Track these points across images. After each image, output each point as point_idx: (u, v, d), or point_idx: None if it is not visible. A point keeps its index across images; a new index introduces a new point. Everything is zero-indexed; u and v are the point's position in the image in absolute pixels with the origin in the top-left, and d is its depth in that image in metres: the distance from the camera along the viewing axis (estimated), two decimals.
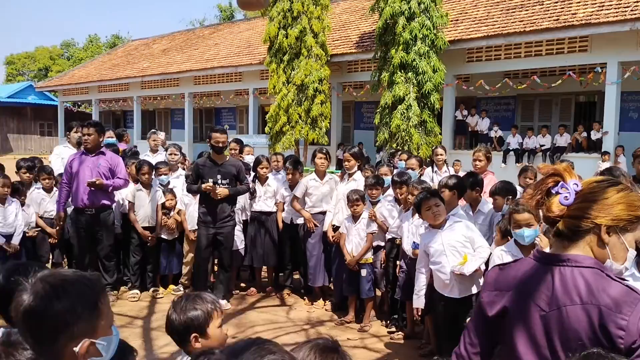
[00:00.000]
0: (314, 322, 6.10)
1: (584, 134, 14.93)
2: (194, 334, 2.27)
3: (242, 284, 7.45)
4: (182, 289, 7.08)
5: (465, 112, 16.73)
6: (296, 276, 7.38)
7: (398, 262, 5.68)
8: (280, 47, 17.18)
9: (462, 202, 5.13)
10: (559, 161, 7.62)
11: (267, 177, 7.11)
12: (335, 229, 6.36)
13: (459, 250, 4.39)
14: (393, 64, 14.67)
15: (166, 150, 8.02)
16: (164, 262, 7.07)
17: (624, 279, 1.64)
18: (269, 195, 7.06)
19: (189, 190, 6.67)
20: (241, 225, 7.24)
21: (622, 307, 1.52)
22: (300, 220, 6.79)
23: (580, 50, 13.97)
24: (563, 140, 15.25)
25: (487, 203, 5.25)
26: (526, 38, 14.26)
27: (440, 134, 15.53)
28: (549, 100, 16.87)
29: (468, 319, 1.92)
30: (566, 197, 1.67)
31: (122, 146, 9.24)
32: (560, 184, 1.70)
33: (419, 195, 4.63)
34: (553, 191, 1.71)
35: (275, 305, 6.72)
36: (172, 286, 7.17)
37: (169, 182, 7.23)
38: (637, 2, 12.79)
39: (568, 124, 16.06)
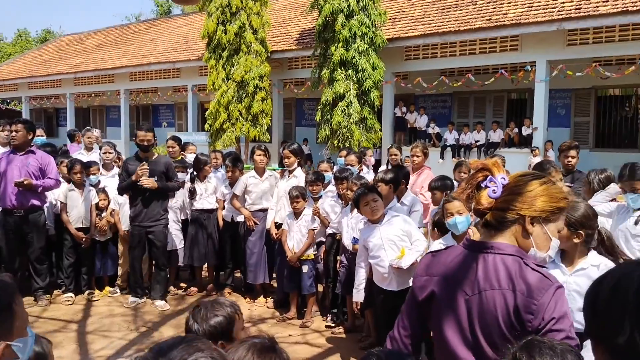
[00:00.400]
0: (256, 320, 6.07)
1: (516, 130, 15.54)
2: (220, 342, 2.15)
3: (182, 284, 7.32)
4: (118, 291, 6.90)
5: (404, 109, 17.06)
6: (237, 275, 7.32)
7: (338, 257, 5.73)
8: (219, 43, 16.95)
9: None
10: (491, 156, 7.89)
11: (207, 176, 7.02)
12: (278, 226, 6.35)
13: (397, 244, 4.47)
14: (333, 61, 14.78)
15: (100, 148, 7.77)
16: (98, 264, 6.86)
17: (543, 267, 1.73)
18: (210, 193, 6.97)
19: (120, 190, 6.49)
20: (180, 224, 7.12)
21: (534, 293, 1.61)
22: (240, 218, 6.74)
23: (511, 49, 14.52)
24: (496, 136, 15.81)
25: (410, 194, 5.42)
26: (461, 37, 14.69)
27: (381, 130, 15.79)
28: (483, 98, 17.45)
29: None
30: (494, 190, 1.75)
31: (73, 148, 8.86)
32: (488, 178, 1.77)
33: (357, 191, 4.68)
34: (482, 185, 1.78)
35: None
36: (108, 288, 6.97)
37: (99, 182, 7.02)
38: (564, 2, 13.42)
39: (501, 120, 16.66)
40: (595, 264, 2.70)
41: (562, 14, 13.02)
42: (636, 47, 12.87)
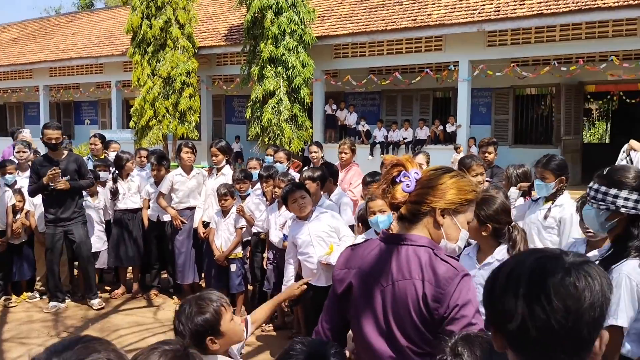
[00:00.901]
0: None
1: (441, 127, 16.04)
2: (209, 338, 2.15)
3: (107, 287, 7.06)
4: (37, 295, 6.58)
5: (334, 107, 17.21)
6: (164, 276, 7.14)
7: (265, 255, 5.70)
8: (144, 38, 16.46)
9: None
10: (417, 153, 8.10)
11: (129, 174, 6.80)
12: (206, 225, 6.25)
13: (326, 240, 4.50)
14: (262, 58, 14.69)
15: (14, 147, 7.34)
16: (13, 268, 6.50)
17: (453, 257, 1.80)
18: (133, 192, 6.75)
19: (31, 193, 6.18)
20: (103, 225, 6.87)
21: (441, 282, 1.68)
22: (167, 218, 6.58)
23: (435, 49, 14.97)
24: (423, 133, 16.26)
25: (339, 191, 5.48)
26: (388, 36, 14.98)
27: (311, 127, 15.87)
28: (410, 96, 17.88)
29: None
30: (408, 184, 1.80)
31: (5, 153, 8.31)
32: (402, 173, 1.82)
33: (284, 188, 4.68)
34: (397, 180, 1.82)
35: (142, 307, 6.45)
36: (26, 293, 6.62)
37: (15, 182, 6.64)
38: (484, 4, 13.98)
39: (427, 118, 17.13)
40: (500, 259, 2.75)
41: (482, 16, 13.55)
42: (550, 48, 13.60)
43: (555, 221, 3.98)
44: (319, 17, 16.10)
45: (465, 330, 1.55)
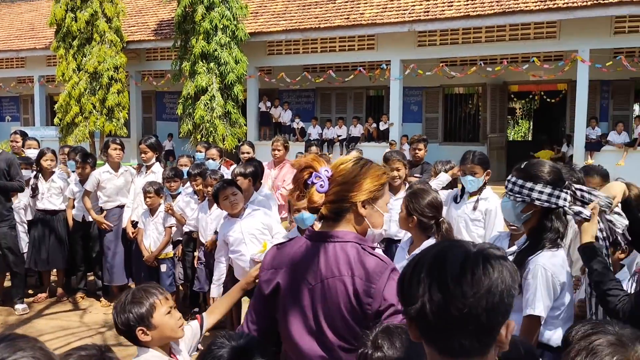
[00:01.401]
0: (112, 324, 5.72)
1: (374, 125, 16.31)
2: (139, 328, 2.16)
3: (30, 291, 6.72)
4: None
5: (268, 104, 17.12)
6: (91, 278, 6.87)
7: (196, 254, 5.60)
8: (69, 31, 15.75)
9: None
10: (350, 150, 8.19)
11: (53, 172, 6.49)
12: (136, 224, 6.06)
13: (258, 237, 4.45)
14: (194, 53, 14.42)
15: None
16: None
17: (378, 254, 1.81)
18: (54, 192, 6.43)
19: None
20: (25, 225, 6.55)
21: (372, 277, 1.68)
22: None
23: (368, 48, 15.19)
24: (357, 130, 16.47)
25: (265, 189, 5.43)
26: (321, 34, 15.06)
27: (245, 125, 15.72)
28: (344, 94, 18.06)
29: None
30: (322, 185, 1.78)
31: None
32: (313, 174, 1.79)
33: (215, 185, 4.60)
34: (309, 182, 1.80)
35: (68, 311, 6.19)
36: None
37: None
38: (414, 5, 14.30)
39: (361, 116, 17.36)
40: None
41: (412, 17, 13.87)
42: (477, 49, 14.11)
43: (482, 214, 4.13)
44: (251, 13, 15.97)
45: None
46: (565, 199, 2.29)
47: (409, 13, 14.04)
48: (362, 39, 15.11)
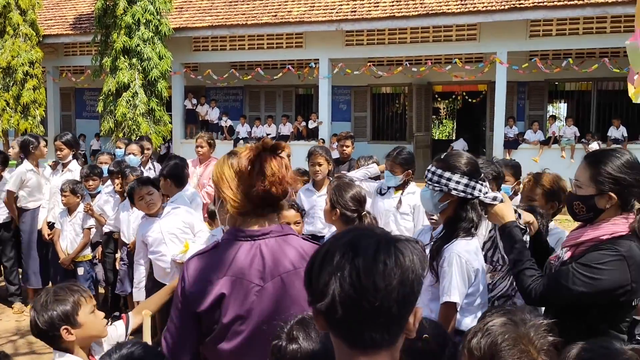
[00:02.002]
0: (24, 331, 5.38)
1: (304, 124, 16.33)
2: (64, 327, 2.07)
3: None
4: None
5: (194, 101, 16.77)
6: (2, 284, 6.45)
7: (117, 255, 5.37)
8: None
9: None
10: None
11: None
12: (52, 225, 5.78)
13: (179, 237, 4.31)
14: (115, 48, 13.89)
15: None
16: None
17: (310, 239, 1.81)
18: None
19: None
20: None
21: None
22: (1, 219, 5.95)
23: (296, 46, 15.18)
24: (286, 129, 16.43)
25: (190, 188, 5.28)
26: (249, 31, 14.91)
27: (170, 123, 15.33)
28: (273, 92, 17.97)
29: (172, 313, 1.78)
30: None
31: None
32: None
33: (130, 185, 4.42)
34: None
35: None
36: None
37: None
38: (341, 4, 14.43)
39: (290, 114, 17.35)
40: None
41: (340, 16, 13.99)
42: (402, 49, 14.43)
43: (410, 208, 4.21)
44: (176, 8, 15.57)
45: None
46: (480, 190, 2.36)
47: (337, 12, 14.15)
48: (290, 36, 15.09)
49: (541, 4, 12.39)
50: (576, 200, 2.16)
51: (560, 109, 20.32)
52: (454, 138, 23.91)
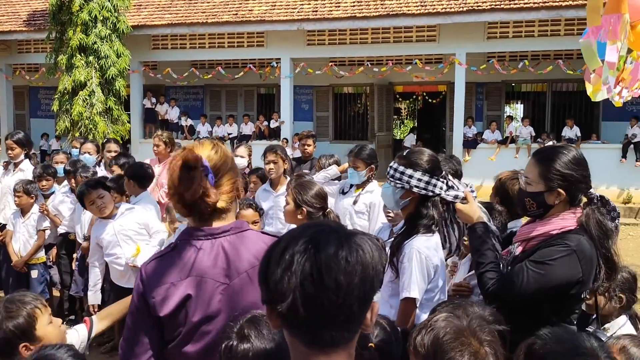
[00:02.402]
0: None
1: (265, 123, 16.25)
2: (22, 345, 1.89)
3: None
4: None
5: (153, 100, 16.49)
6: None
7: (75, 256, 5.24)
8: None
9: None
10: (237, 146, 8.08)
11: None
12: (2, 227, 5.61)
13: (134, 239, 4.24)
14: (71, 46, 13.54)
15: None
16: None
17: (270, 232, 1.79)
18: None
19: None
20: None
21: None
22: None
23: (258, 45, 15.10)
24: (248, 128, 16.32)
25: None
26: (209, 29, 14.75)
27: (129, 122, 15.04)
28: (234, 91, 17.81)
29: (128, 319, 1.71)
30: (212, 176, 1.69)
31: None
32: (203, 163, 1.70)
33: (79, 189, 4.30)
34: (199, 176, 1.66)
35: None
36: None
37: None
38: (303, 4, 14.42)
39: (252, 114, 17.22)
40: None
41: (301, 15, 13.97)
42: (364, 49, 14.53)
43: (366, 206, 4.23)
44: (134, 5, 15.25)
45: None
46: (441, 188, 2.39)
47: (298, 12, 14.14)
48: (251, 35, 15.00)
49: (498, 7, 12.66)
50: (527, 197, 2.21)
51: (517, 109, 20.80)
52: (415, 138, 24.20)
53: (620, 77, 4.50)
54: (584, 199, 2.20)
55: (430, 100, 20.02)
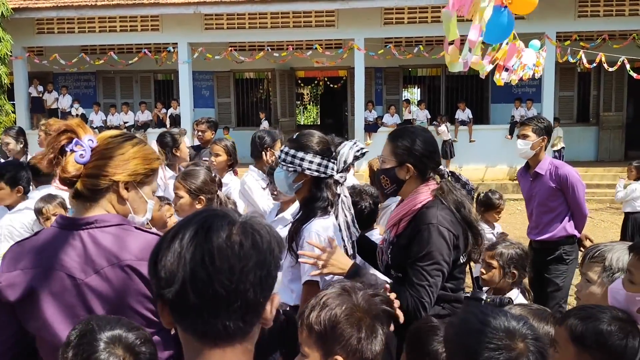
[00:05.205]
0: None
1: (164, 110, 15.71)
2: None
3: None
4: None
5: (40, 88, 15.39)
6: None
7: None
8: None
9: None
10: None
11: None
12: None
13: (16, 237, 3.93)
14: None
15: None
16: None
17: (150, 230, 1.68)
18: None
19: None
20: None
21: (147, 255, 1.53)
22: None
23: (152, 29, 14.51)
24: (145, 116, 15.71)
25: None
26: (99, 12, 13.95)
27: (14, 112, 14.01)
28: (129, 78, 17.04)
29: None
30: (82, 154, 1.58)
31: None
32: (74, 141, 1.59)
33: None
34: (67, 149, 1.59)
35: None
36: None
37: None
38: None
39: (149, 101, 16.59)
40: None
41: None
42: (264, 34, 14.43)
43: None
44: None
45: None
46: (333, 169, 2.39)
47: None
48: (145, 19, 14.36)
49: None
50: (382, 175, 2.38)
51: (414, 93, 21.59)
52: (318, 123, 24.48)
53: (495, 56, 4.76)
54: (437, 178, 2.37)
55: (331, 85, 20.25)
